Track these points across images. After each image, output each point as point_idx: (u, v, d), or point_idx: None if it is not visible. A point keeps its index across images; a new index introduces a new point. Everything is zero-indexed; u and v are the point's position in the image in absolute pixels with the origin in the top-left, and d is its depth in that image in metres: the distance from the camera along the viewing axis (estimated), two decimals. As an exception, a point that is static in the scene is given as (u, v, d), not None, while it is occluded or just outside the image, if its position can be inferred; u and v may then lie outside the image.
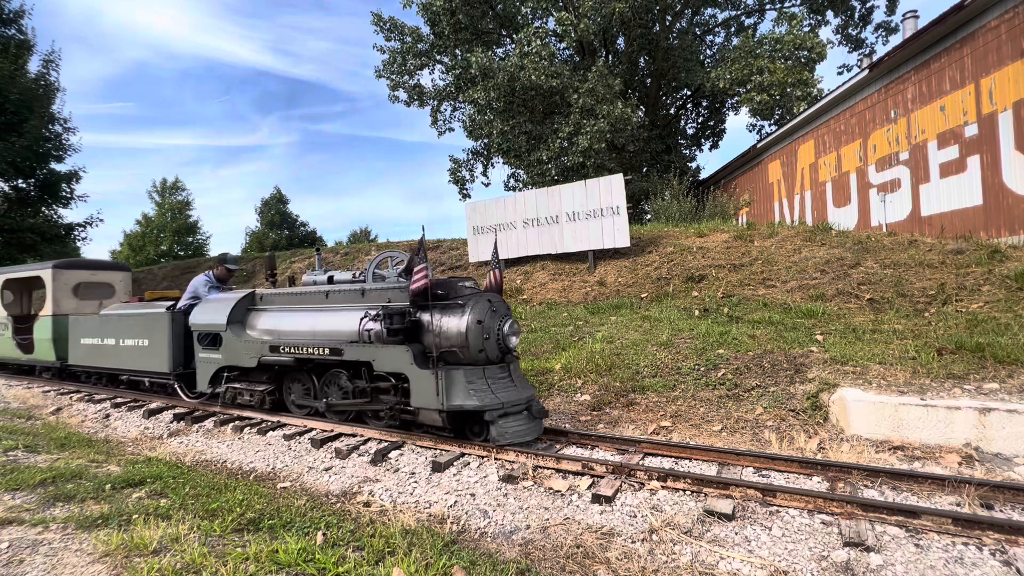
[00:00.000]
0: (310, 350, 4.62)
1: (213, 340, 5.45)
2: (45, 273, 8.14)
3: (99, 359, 6.85)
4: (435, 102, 21.74)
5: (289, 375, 5.16)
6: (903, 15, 14.90)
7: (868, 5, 18.82)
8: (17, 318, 9.11)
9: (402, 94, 21.84)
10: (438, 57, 20.50)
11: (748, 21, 21.41)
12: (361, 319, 4.31)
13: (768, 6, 20.92)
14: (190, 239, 33.49)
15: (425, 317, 4.22)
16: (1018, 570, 2.14)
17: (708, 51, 21.77)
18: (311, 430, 4.71)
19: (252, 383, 5.28)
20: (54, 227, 19.41)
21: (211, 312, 5.48)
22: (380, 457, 3.91)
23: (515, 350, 4.35)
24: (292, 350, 4.75)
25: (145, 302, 6.76)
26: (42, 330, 8.06)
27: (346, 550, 2.47)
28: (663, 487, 3.09)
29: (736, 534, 2.56)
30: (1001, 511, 2.69)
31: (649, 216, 15.90)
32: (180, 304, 5.99)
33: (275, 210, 34.06)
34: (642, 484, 3.17)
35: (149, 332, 6.05)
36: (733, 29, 21.61)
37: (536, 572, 2.33)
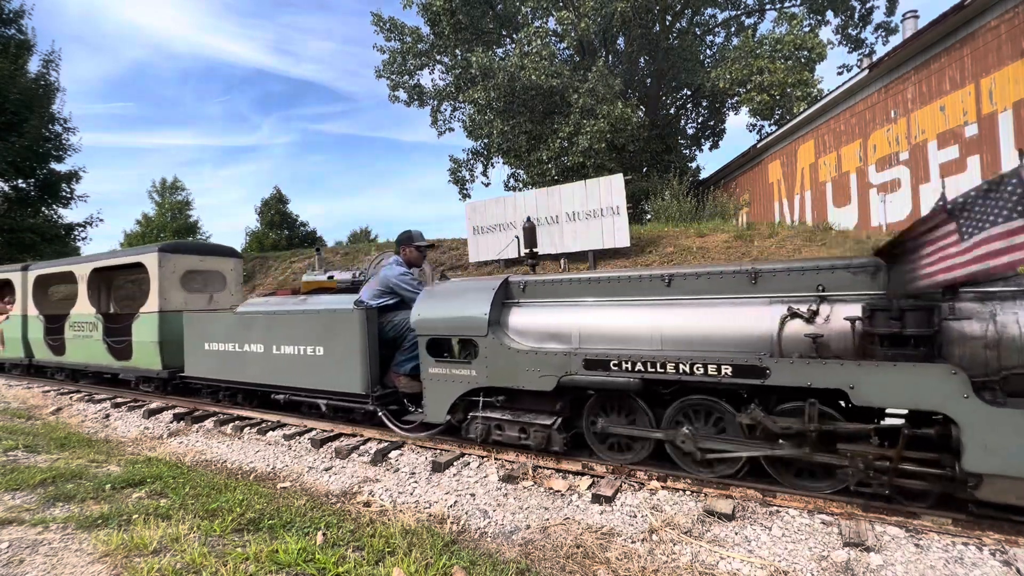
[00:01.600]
0: (684, 368, 2.94)
1: (457, 349, 3.91)
2: (149, 258, 6.46)
3: (236, 371, 5.18)
4: (435, 102, 21.77)
5: (595, 402, 3.47)
6: (903, 15, 14.91)
7: (868, 5, 18.84)
8: (108, 316, 7.53)
9: (402, 94, 21.89)
10: (438, 57, 20.51)
11: (748, 21, 21.43)
12: (784, 318, 2.79)
13: (768, 6, 20.93)
14: (190, 239, 33.53)
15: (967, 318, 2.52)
16: (1018, 570, 2.14)
17: (708, 51, 21.79)
18: (311, 430, 4.71)
19: (523, 411, 3.59)
20: (54, 227, 19.44)
21: (455, 308, 3.77)
22: (380, 457, 3.91)
23: None
24: (640, 368, 3.06)
25: (305, 296, 5.19)
26: (144, 331, 6.36)
27: (346, 550, 2.47)
28: (663, 487, 3.09)
29: (736, 534, 2.56)
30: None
31: (649, 216, 15.91)
32: (365, 300, 4.45)
33: (275, 210, 34.01)
34: (642, 484, 3.17)
35: (329, 337, 4.42)
36: (733, 29, 21.62)
37: (536, 572, 2.33)
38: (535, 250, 4.37)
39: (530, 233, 4.38)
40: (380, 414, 4.24)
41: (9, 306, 8.90)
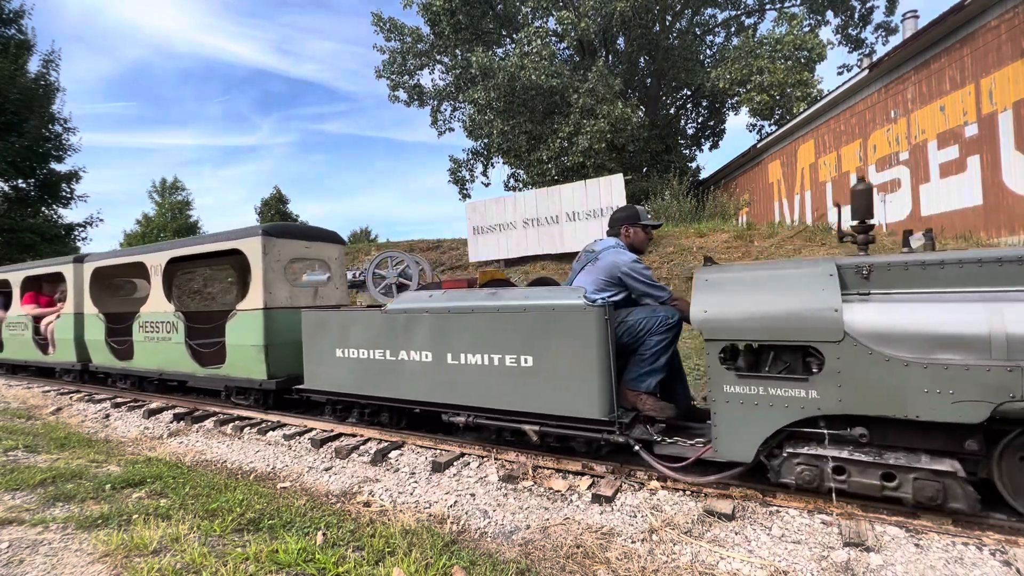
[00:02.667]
0: None
1: (769, 359, 2.84)
2: (250, 244, 5.23)
3: (385, 384, 4.07)
4: (435, 102, 21.80)
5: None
6: (903, 15, 14.92)
7: (868, 5, 18.86)
8: (191, 315, 6.37)
9: (402, 94, 21.91)
10: (438, 57, 20.53)
11: (748, 21, 21.46)
12: None
13: (768, 6, 20.94)
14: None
15: None
16: (1018, 570, 2.14)
17: (708, 51, 21.82)
18: (311, 430, 4.71)
19: (883, 449, 2.57)
20: (54, 227, 19.47)
21: (777, 301, 2.70)
22: (380, 457, 3.91)
23: None
24: None
25: (492, 289, 3.82)
26: (244, 332, 5.22)
27: (346, 550, 2.47)
28: (663, 487, 3.09)
29: (736, 534, 2.56)
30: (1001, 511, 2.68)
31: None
32: (589, 294, 3.43)
33: (275, 210, 34.06)
34: (642, 484, 3.17)
35: (544, 342, 3.35)
36: (733, 29, 21.64)
37: (536, 572, 2.33)
38: (871, 221, 3.06)
39: (864, 197, 3.01)
40: (636, 449, 3.13)
41: (60, 303, 7.92)
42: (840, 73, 22.99)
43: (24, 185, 18.73)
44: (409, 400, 4.03)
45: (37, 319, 8.01)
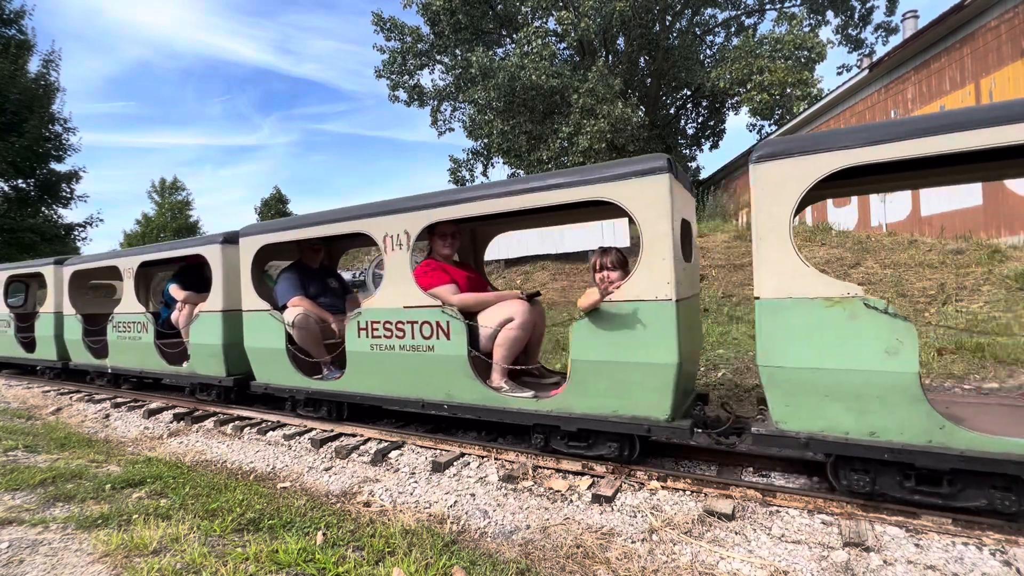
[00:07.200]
0: None
1: None
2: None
3: None
4: (435, 102, 21.78)
5: None
6: (903, 15, 14.93)
7: (868, 5, 18.87)
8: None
9: (402, 94, 21.90)
10: (438, 57, 20.53)
11: (748, 21, 21.47)
12: None
13: (768, 6, 20.95)
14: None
15: None
16: (1018, 570, 2.14)
17: (708, 51, 21.82)
18: (311, 430, 4.71)
19: None
20: (54, 227, 19.47)
21: None
22: (380, 457, 3.91)
23: None
24: None
25: None
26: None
27: (346, 550, 2.47)
28: (663, 487, 3.09)
29: (736, 534, 2.56)
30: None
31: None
32: None
33: (275, 210, 34.06)
34: (642, 484, 3.17)
35: None
36: (733, 29, 21.65)
37: (536, 572, 2.33)
38: None
39: None
40: None
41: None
42: (840, 73, 23.03)
43: (24, 185, 18.73)
44: None
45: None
